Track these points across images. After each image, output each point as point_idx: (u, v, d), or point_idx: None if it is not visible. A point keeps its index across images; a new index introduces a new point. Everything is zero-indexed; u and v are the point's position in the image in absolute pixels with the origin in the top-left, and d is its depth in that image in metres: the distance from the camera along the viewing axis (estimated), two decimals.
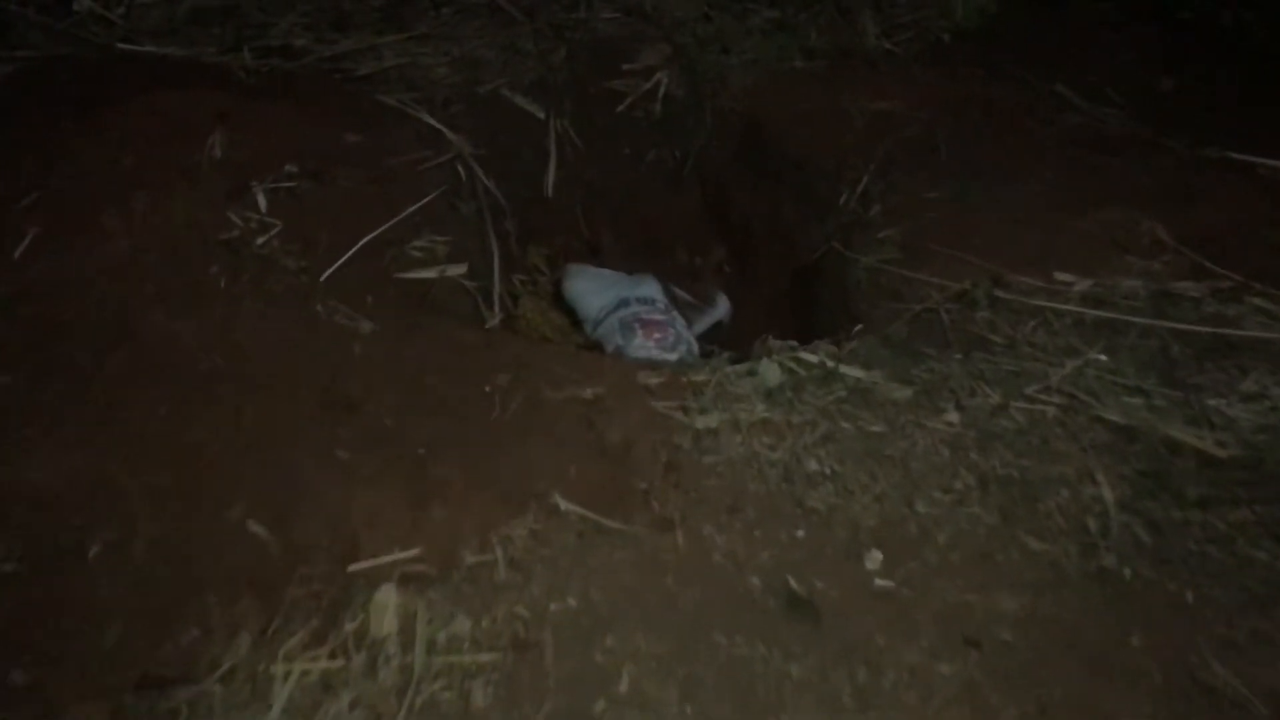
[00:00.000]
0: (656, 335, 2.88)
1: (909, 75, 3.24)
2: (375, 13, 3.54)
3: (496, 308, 2.76)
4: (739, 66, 3.34)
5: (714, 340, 3.12)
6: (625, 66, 3.34)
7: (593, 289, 3.09)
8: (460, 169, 2.85)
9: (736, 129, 3.25)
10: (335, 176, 2.32)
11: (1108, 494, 1.74)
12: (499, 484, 1.62)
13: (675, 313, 3.02)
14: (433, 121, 2.93)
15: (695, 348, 2.95)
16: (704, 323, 3.12)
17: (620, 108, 3.25)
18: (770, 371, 1.99)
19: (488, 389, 1.83)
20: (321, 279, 2.04)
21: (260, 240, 2.03)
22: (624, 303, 3.00)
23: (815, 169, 3.00)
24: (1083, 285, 2.31)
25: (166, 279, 1.87)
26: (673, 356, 2.81)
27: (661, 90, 3.26)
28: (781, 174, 3.10)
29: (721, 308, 3.15)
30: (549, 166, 3.22)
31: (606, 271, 3.17)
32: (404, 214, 2.29)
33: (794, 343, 2.11)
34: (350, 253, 2.10)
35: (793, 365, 2.04)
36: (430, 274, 2.29)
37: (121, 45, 3.09)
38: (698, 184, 3.38)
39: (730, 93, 3.25)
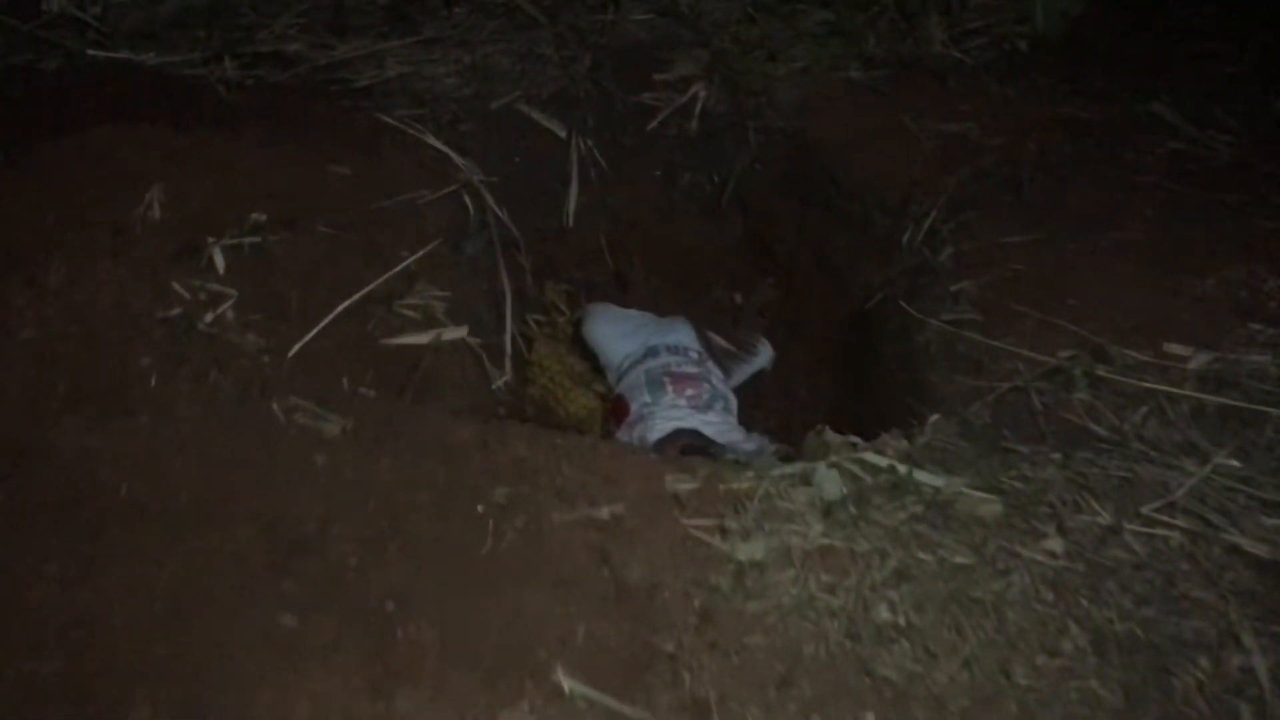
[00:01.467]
0: (689, 392, 2.54)
1: (983, 90, 2.87)
2: (380, 12, 3.21)
3: (507, 365, 2.44)
4: (787, 77, 2.98)
5: (754, 390, 2.79)
6: (657, 77, 2.99)
7: (617, 333, 2.76)
8: (467, 199, 2.52)
9: (783, 150, 2.90)
10: (314, 223, 2.00)
11: (1260, 664, 1.40)
12: (486, 653, 1.29)
13: (710, 363, 2.69)
14: (438, 144, 2.61)
15: (733, 404, 2.62)
16: (743, 373, 2.79)
17: (651, 124, 2.91)
18: (829, 481, 1.65)
19: (480, 509, 1.50)
20: (289, 355, 1.72)
21: (210, 316, 1.71)
22: (652, 351, 2.66)
23: (874, 201, 2.65)
24: (1199, 360, 1.95)
25: (83, 377, 1.55)
26: (707, 417, 2.47)
27: (698, 104, 2.92)
28: (835, 204, 2.75)
29: (763, 356, 2.81)
30: (570, 192, 2.89)
31: (633, 312, 2.84)
32: (396, 268, 1.97)
33: (855, 439, 1.77)
34: (325, 322, 1.78)
35: (855, 469, 1.70)
36: (423, 339, 1.97)
37: (92, 52, 2.79)
38: (739, 212, 3.03)
39: (777, 108, 2.91)
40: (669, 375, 2.59)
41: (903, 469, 1.68)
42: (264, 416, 1.54)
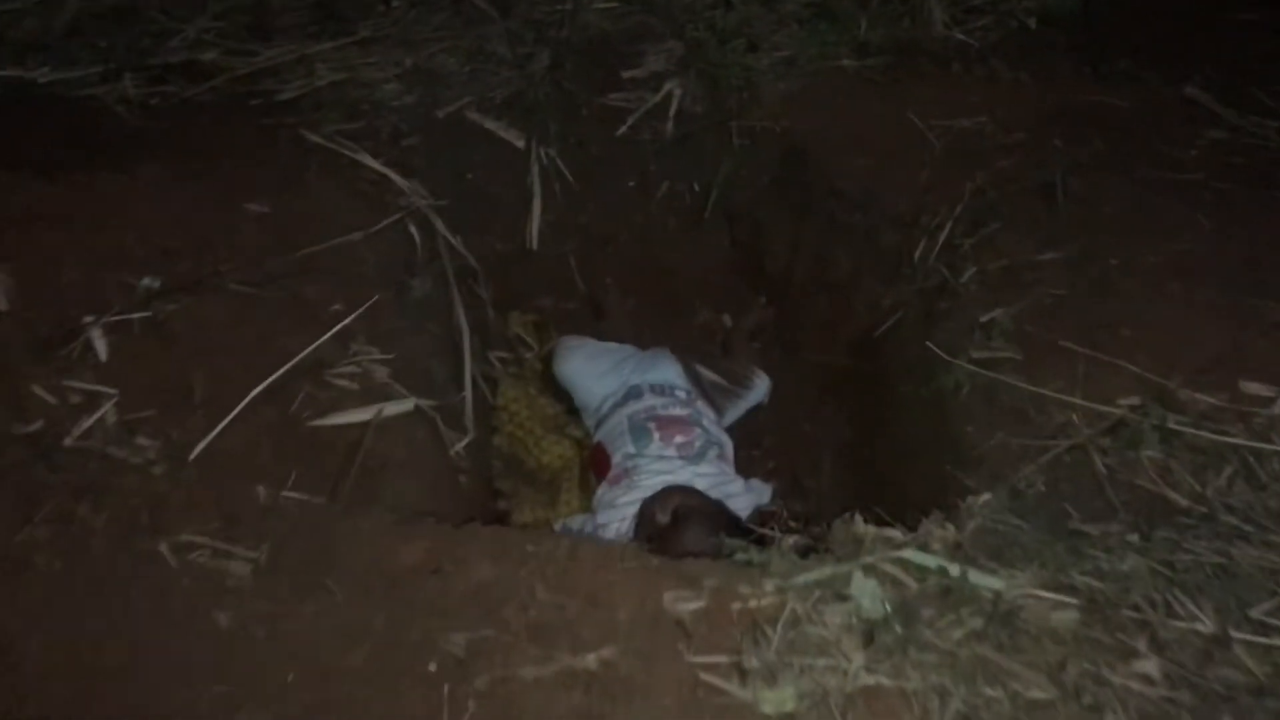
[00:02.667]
0: (679, 439, 2.24)
1: (993, 76, 2.57)
2: (308, 10, 2.85)
3: (469, 421, 2.12)
4: (770, 69, 2.66)
5: (749, 427, 2.48)
6: (626, 74, 2.67)
7: (594, 371, 2.44)
8: (413, 229, 2.19)
9: (772, 153, 2.58)
10: (224, 281, 1.66)
11: None
12: None
13: (700, 403, 2.37)
14: (376, 165, 2.26)
15: (728, 449, 2.31)
16: (738, 410, 2.48)
17: (622, 129, 2.59)
18: (868, 595, 1.35)
19: (433, 668, 1.18)
20: (190, 459, 1.39)
21: (84, 424, 1.37)
22: (634, 392, 2.35)
23: (880, 211, 2.34)
24: None
25: None
26: (700, 469, 2.17)
27: (674, 104, 2.60)
28: (834, 215, 2.44)
29: (759, 389, 2.50)
30: (532, 210, 2.56)
31: (611, 346, 2.52)
32: (327, 333, 1.64)
33: (891, 531, 1.46)
34: (236, 411, 1.45)
35: (896, 571, 1.39)
36: (362, 416, 1.64)
37: None
38: (725, 225, 2.71)
39: (762, 105, 2.59)
40: (655, 420, 2.28)
41: (954, 570, 1.37)
42: (150, 564, 1.21)
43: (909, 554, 1.40)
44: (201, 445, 1.42)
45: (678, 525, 1.97)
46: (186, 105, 2.34)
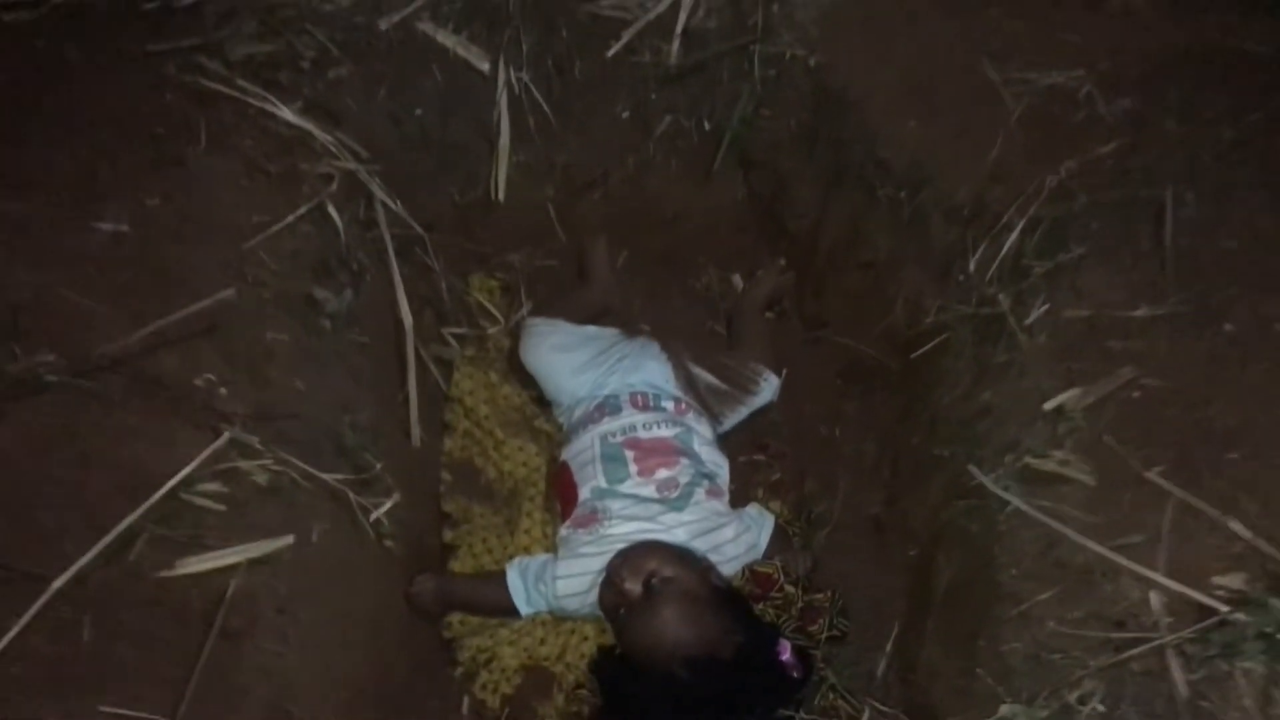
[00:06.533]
0: (660, 473, 1.89)
1: (1095, 3, 1.98)
2: None
3: (415, 432, 1.77)
4: None
5: (753, 428, 2.10)
6: None
7: (567, 364, 2.06)
8: (334, 212, 1.76)
9: (803, 90, 2.06)
10: (38, 373, 1.27)
11: None
12: None
13: (692, 414, 1.99)
14: (291, 116, 1.80)
15: (723, 476, 1.97)
16: (739, 415, 2.09)
17: (614, 48, 2.05)
18: None
19: None
20: None
21: None
22: (611, 404, 1.99)
23: (931, 193, 1.85)
24: None
25: None
26: (684, 516, 1.82)
27: (682, 17, 2.04)
28: (873, 186, 1.94)
29: (765, 392, 2.11)
30: (498, 150, 2.08)
31: (590, 331, 2.12)
32: (203, 453, 1.26)
33: None
34: (34, 610, 1.10)
35: None
36: (229, 558, 1.30)
37: None
38: (739, 171, 2.21)
39: (793, 26, 2.03)
40: (633, 446, 1.91)
41: None
42: None
43: None
44: None
45: (650, 602, 1.67)
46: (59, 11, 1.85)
